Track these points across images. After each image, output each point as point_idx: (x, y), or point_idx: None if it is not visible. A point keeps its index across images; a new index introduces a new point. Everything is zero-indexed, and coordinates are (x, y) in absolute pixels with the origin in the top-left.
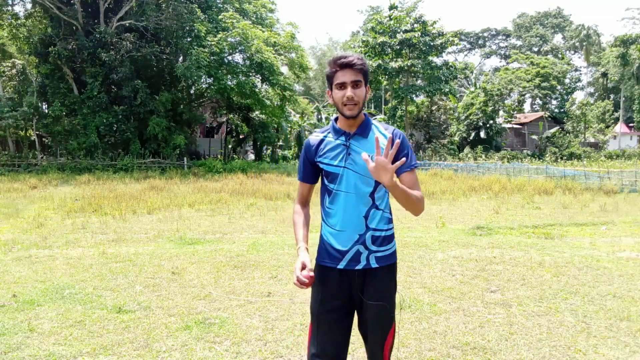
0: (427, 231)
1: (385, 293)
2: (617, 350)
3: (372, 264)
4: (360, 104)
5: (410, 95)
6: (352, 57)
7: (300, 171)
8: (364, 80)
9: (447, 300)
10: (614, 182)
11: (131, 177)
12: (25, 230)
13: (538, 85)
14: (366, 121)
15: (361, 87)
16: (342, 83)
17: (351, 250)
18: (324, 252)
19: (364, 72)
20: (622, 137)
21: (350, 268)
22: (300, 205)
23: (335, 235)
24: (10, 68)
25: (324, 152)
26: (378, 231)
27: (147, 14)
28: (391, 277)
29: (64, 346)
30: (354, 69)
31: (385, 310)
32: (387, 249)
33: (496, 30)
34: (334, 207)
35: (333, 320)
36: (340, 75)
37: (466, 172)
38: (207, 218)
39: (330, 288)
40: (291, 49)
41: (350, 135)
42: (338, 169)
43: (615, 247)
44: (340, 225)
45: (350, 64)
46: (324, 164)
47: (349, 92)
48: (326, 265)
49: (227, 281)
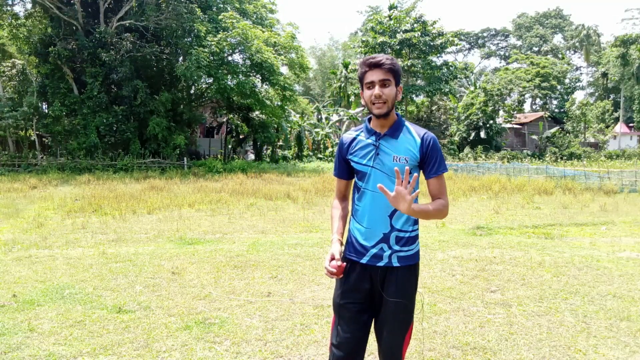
0: (427, 231)
1: (405, 292)
2: (617, 350)
3: (394, 263)
4: (390, 102)
5: (410, 95)
6: (380, 57)
7: (335, 167)
8: (394, 80)
9: (447, 300)
10: (614, 182)
11: (131, 177)
12: (25, 230)
13: (538, 85)
14: (398, 122)
15: (390, 86)
16: (371, 82)
17: (375, 247)
18: (350, 246)
19: (393, 71)
20: (622, 137)
21: (372, 264)
22: (339, 200)
23: (362, 231)
24: (10, 68)
25: (355, 150)
26: (402, 232)
27: (147, 14)
28: (412, 277)
29: (64, 346)
30: (383, 69)
31: (405, 308)
32: (410, 249)
33: (496, 30)
34: (361, 205)
35: (353, 313)
36: (369, 75)
37: (466, 172)
38: (207, 218)
39: (352, 281)
40: (291, 49)
41: (380, 136)
42: (366, 168)
43: (615, 247)
44: (367, 223)
45: (378, 63)
46: (354, 162)
47: (377, 90)
48: (351, 258)
49: (227, 281)
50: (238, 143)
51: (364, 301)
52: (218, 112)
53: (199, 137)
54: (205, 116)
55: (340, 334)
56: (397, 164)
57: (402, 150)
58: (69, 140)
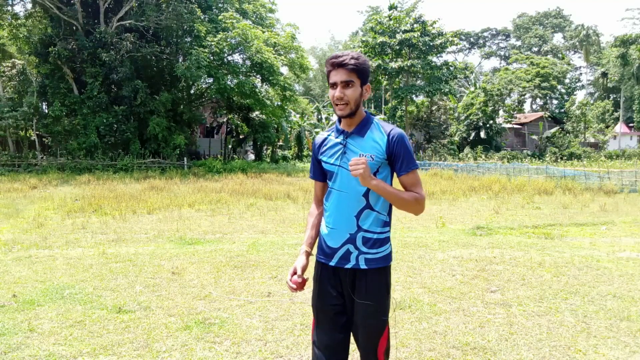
0: (427, 231)
1: (375, 294)
2: (617, 350)
3: (361, 265)
4: (352, 104)
5: (410, 95)
6: (344, 57)
7: (311, 169)
8: (360, 80)
9: (447, 300)
10: (614, 182)
11: (131, 177)
12: (25, 230)
13: (538, 86)
14: (365, 120)
15: (353, 87)
16: (333, 83)
17: (342, 248)
18: (319, 249)
19: (357, 71)
20: (622, 137)
21: (340, 266)
22: (315, 205)
23: (329, 232)
24: (10, 68)
25: (325, 150)
26: (370, 233)
27: (147, 14)
28: (381, 280)
29: (64, 346)
30: (346, 69)
31: (375, 311)
32: (379, 252)
33: (496, 30)
34: (328, 205)
35: (330, 315)
36: (333, 75)
37: (466, 172)
38: (207, 218)
39: (325, 284)
40: (291, 49)
41: (347, 134)
42: (334, 167)
43: (615, 247)
44: (333, 223)
45: (341, 63)
46: (324, 162)
47: (338, 92)
48: (321, 261)
49: (227, 281)
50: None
51: (339, 303)
52: (218, 112)
53: (199, 137)
54: (205, 116)
55: (320, 336)
56: None
57: (369, 148)
58: (69, 140)
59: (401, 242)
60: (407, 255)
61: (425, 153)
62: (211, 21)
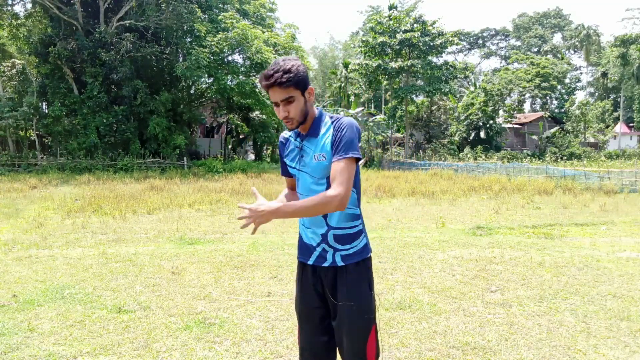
0: (427, 231)
1: (357, 292)
2: (617, 350)
3: (339, 262)
4: (298, 116)
5: (410, 95)
6: (276, 75)
7: (281, 166)
8: (300, 89)
9: (447, 300)
10: (614, 182)
11: (131, 177)
12: (25, 230)
13: (538, 86)
14: (317, 119)
15: (295, 101)
16: (275, 102)
17: (317, 247)
18: (299, 248)
19: (294, 83)
20: (622, 137)
21: (318, 264)
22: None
23: (304, 231)
24: (10, 68)
25: (287, 153)
26: (340, 229)
27: (147, 14)
28: (361, 275)
29: (64, 346)
30: (282, 87)
31: (359, 311)
32: (353, 246)
33: (495, 30)
34: None
35: (313, 317)
36: (272, 95)
37: (466, 172)
38: (207, 218)
39: (305, 284)
40: (291, 50)
41: (303, 137)
42: (294, 171)
43: (615, 247)
44: (307, 222)
45: (275, 83)
46: (287, 164)
47: (282, 111)
48: (301, 260)
49: (227, 281)
50: (238, 143)
51: (321, 305)
52: (218, 112)
53: (199, 137)
54: (205, 116)
55: (305, 339)
56: (318, 162)
57: (321, 147)
58: (69, 140)
59: (401, 242)
60: (407, 255)
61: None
62: (211, 21)
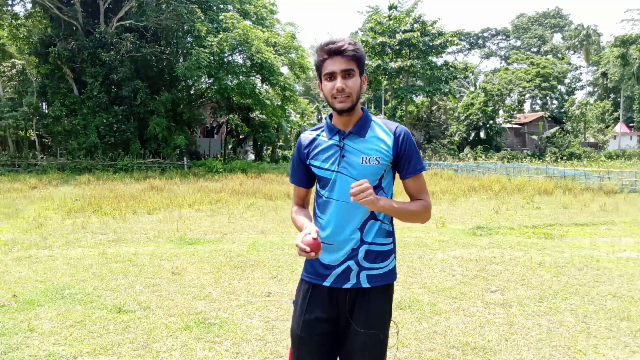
0: (427, 231)
1: (379, 320)
2: (617, 350)
3: (363, 284)
4: (354, 96)
5: (410, 95)
6: (342, 43)
7: (292, 173)
8: (359, 69)
9: (447, 300)
10: (614, 182)
11: (131, 177)
12: (25, 230)
13: (538, 86)
14: (364, 118)
15: (354, 77)
16: (331, 73)
17: (340, 266)
18: (309, 267)
19: (357, 58)
20: (622, 137)
21: (337, 286)
22: (299, 207)
23: (325, 248)
24: (10, 68)
25: (316, 153)
26: (374, 245)
27: (147, 14)
28: (386, 301)
29: (64, 346)
30: (345, 56)
31: (377, 340)
32: (383, 266)
33: (496, 30)
34: (325, 217)
35: (315, 347)
36: (330, 64)
37: (466, 172)
38: (207, 218)
39: (315, 309)
40: (291, 49)
41: (345, 134)
42: (330, 174)
43: (615, 247)
44: (332, 239)
45: (339, 50)
46: (315, 167)
47: (339, 83)
48: (312, 281)
49: (227, 281)
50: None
51: (328, 332)
52: (218, 112)
53: (199, 137)
54: (205, 116)
55: None
56: (367, 165)
57: (372, 150)
58: (69, 140)
59: (401, 242)
60: (407, 255)
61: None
62: (211, 21)
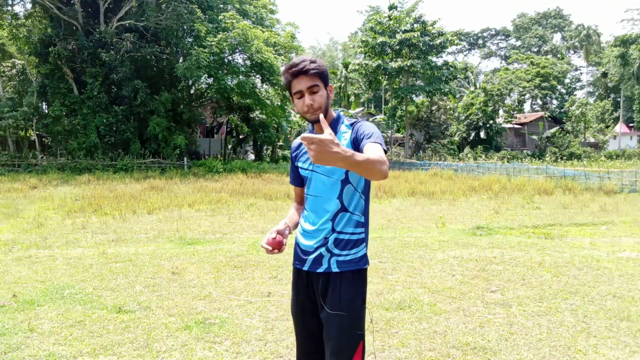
0: (427, 231)
1: (348, 303)
2: (617, 350)
3: (334, 268)
4: (323, 107)
5: (410, 95)
6: (304, 63)
7: (290, 175)
8: (323, 82)
9: (447, 300)
10: (614, 182)
11: (131, 177)
12: (25, 230)
13: (538, 86)
14: (335, 120)
15: (320, 91)
16: (299, 91)
17: (315, 252)
18: (294, 255)
19: (319, 74)
20: (622, 137)
21: (312, 270)
22: (296, 204)
23: (304, 236)
24: (10, 68)
25: (300, 155)
26: (343, 234)
27: (147, 14)
28: (356, 285)
29: (64, 346)
30: (309, 75)
31: (348, 323)
32: (351, 253)
33: (495, 30)
34: (306, 211)
35: (308, 323)
36: (296, 84)
37: (466, 172)
38: (207, 218)
39: (300, 290)
40: (291, 49)
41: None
42: (308, 173)
43: (615, 247)
44: (309, 228)
45: (302, 70)
46: (300, 167)
47: (307, 99)
48: (296, 267)
49: (227, 281)
50: (238, 143)
51: (314, 312)
52: (218, 112)
53: (199, 137)
54: (205, 116)
55: (301, 346)
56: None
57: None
58: (69, 140)
59: (401, 242)
60: (407, 255)
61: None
62: (211, 21)
